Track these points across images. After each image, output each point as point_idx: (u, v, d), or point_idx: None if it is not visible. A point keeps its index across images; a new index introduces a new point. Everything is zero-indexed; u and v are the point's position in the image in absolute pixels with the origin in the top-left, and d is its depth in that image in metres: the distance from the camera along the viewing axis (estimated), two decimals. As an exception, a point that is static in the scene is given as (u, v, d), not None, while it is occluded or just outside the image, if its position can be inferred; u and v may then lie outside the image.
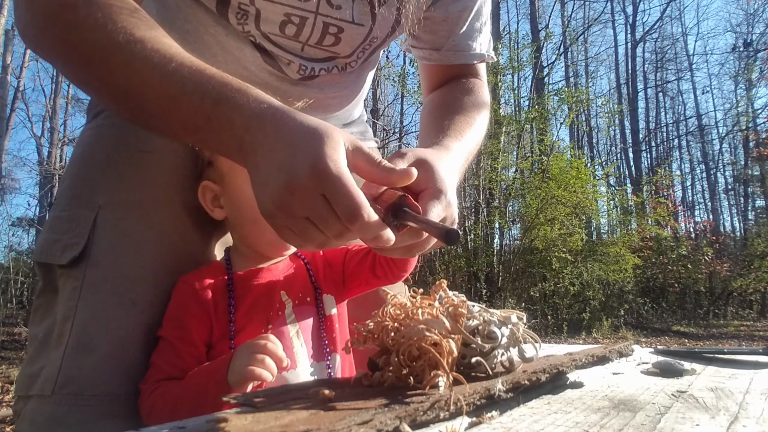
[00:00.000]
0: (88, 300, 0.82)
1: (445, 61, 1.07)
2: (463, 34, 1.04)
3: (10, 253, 12.30)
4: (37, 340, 0.86)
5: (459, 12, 1.01)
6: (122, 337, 0.80)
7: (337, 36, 0.92)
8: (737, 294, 12.34)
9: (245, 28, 0.89)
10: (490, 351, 0.55)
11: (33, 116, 18.27)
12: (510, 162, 10.59)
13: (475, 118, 0.96)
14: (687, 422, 0.45)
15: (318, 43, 0.92)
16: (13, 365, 5.78)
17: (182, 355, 0.77)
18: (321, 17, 0.89)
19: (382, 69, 11.65)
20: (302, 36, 0.91)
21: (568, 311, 9.13)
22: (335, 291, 0.90)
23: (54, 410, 0.77)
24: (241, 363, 0.68)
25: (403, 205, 0.62)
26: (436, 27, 1.03)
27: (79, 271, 0.83)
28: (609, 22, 21.58)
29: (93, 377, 0.78)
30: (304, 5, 0.87)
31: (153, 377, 0.77)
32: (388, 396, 0.43)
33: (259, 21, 0.88)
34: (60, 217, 0.89)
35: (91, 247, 0.84)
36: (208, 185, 0.87)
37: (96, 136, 0.96)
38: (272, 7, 0.86)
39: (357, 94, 1.11)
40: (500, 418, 0.46)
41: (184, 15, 0.92)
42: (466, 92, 1.03)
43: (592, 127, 20.97)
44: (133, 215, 0.86)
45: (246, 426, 0.35)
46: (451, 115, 0.94)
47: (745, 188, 20.38)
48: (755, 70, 19.61)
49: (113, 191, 0.88)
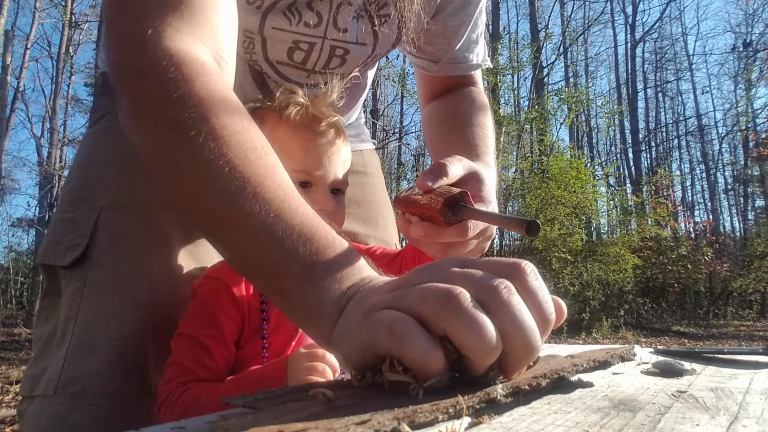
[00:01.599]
0: (90, 300, 0.82)
1: (444, 73, 1.09)
2: (461, 47, 1.06)
3: (10, 253, 12.31)
4: (41, 341, 0.86)
5: (457, 26, 1.03)
6: (124, 337, 0.80)
7: (343, 58, 0.93)
8: (737, 294, 12.35)
9: (252, 57, 0.90)
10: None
11: (33, 116, 18.29)
12: (510, 162, 10.60)
13: (491, 132, 0.99)
14: (687, 422, 0.45)
15: (325, 66, 0.93)
16: (13, 365, 5.79)
17: (214, 356, 0.74)
18: (328, 41, 0.90)
19: (382, 69, 11.67)
20: (309, 62, 0.91)
21: (567, 311, 9.11)
22: None
23: (57, 410, 0.77)
24: (299, 372, 0.66)
25: (461, 201, 0.63)
26: (435, 39, 1.04)
27: (81, 272, 0.83)
28: (609, 22, 21.61)
29: (95, 377, 0.78)
30: (312, 31, 0.87)
31: (179, 378, 0.72)
32: (388, 396, 0.43)
33: (266, 49, 0.88)
34: (62, 219, 0.89)
35: (92, 248, 0.84)
36: None
37: (99, 138, 0.96)
38: (281, 36, 0.86)
39: (356, 101, 1.12)
40: (500, 418, 0.46)
41: None
42: (472, 103, 1.05)
43: (591, 127, 20.99)
44: (135, 216, 0.86)
45: (245, 426, 0.35)
46: (471, 128, 0.97)
47: (745, 188, 20.40)
48: (755, 70, 19.64)
49: (115, 192, 0.88)
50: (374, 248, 0.94)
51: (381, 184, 1.23)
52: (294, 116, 0.81)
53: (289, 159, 0.80)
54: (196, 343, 0.74)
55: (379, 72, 12.01)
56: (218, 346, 0.74)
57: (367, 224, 1.11)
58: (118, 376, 0.78)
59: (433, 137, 1.07)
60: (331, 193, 0.84)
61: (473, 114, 1.02)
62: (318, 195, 0.81)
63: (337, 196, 0.86)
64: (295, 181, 0.78)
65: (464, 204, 0.63)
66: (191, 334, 0.75)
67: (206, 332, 0.74)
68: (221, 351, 0.75)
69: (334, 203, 0.83)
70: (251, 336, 0.77)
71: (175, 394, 0.71)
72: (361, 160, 1.20)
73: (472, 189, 0.70)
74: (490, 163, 0.87)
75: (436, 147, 1.04)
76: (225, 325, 0.75)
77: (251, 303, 0.78)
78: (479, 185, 0.72)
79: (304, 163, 0.81)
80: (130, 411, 0.78)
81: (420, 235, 0.67)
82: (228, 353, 0.75)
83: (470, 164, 0.73)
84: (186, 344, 0.75)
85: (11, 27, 10.57)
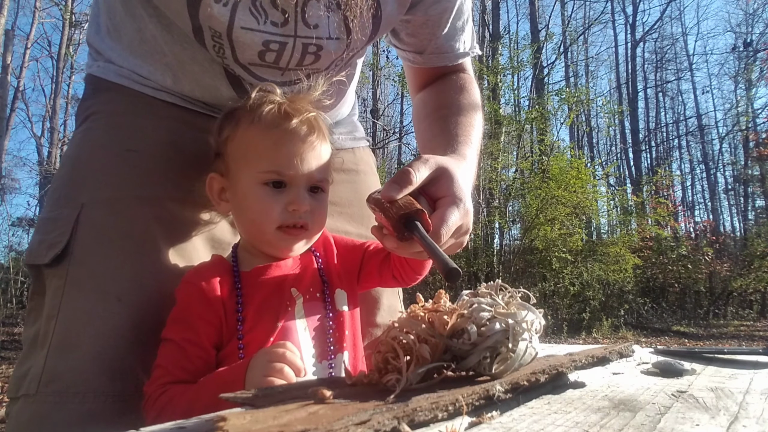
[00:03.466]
0: (71, 297, 0.81)
1: (429, 64, 1.07)
2: (446, 36, 1.03)
3: (10, 253, 12.31)
4: (27, 342, 0.86)
5: (439, 14, 1.00)
6: (106, 333, 0.79)
7: (317, 54, 0.92)
8: (737, 294, 12.32)
9: (224, 62, 0.89)
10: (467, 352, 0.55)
11: (33, 116, 18.30)
12: (510, 162, 10.60)
13: (476, 119, 0.98)
14: (687, 422, 0.45)
15: (299, 64, 0.92)
16: (13, 365, 5.78)
17: (191, 358, 0.75)
18: (300, 39, 0.88)
19: (382, 69, 11.65)
20: (282, 61, 0.90)
21: (568, 311, 9.12)
22: (348, 286, 0.89)
23: (38, 409, 0.76)
24: (258, 373, 0.66)
25: (416, 219, 0.65)
26: (418, 30, 1.02)
27: (62, 270, 0.83)
28: (609, 22, 21.58)
29: (77, 375, 0.77)
30: (282, 30, 0.86)
31: (159, 380, 0.74)
32: (388, 396, 0.43)
33: (235, 52, 0.87)
34: (46, 218, 0.89)
35: (73, 245, 0.83)
36: (215, 177, 0.86)
37: (84, 138, 0.96)
38: (251, 37, 0.85)
39: (343, 94, 1.10)
40: (500, 418, 0.46)
41: (161, 49, 0.92)
42: (459, 91, 1.04)
43: (592, 127, 20.97)
44: (117, 212, 0.86)
45: (244, 426, 0.35)
46: (454, 117, 0.95)
47: (745, 188, 20.38)
48: (755, 70, 19.61)
49: (97, 189, 0.87)
50: (368, 243, 0.93)
51: (375, 182, 1.21)
52: (265, 115, 0.81)
53: (260, 159, 0.81)
54: (176, 346, 0.76)
55: (379, 72, 12.00)
56: (195, 348, 0.76)
57: (359, 223, 1.10)
58: (102, 373, 0.77)
59: (420, 129, 1.06)
60: (310, 191, 0.83)
61: (459, 103, 1.00)
62: (292, 195, 0.80)
63: (317, 194, 0.85)
64: (266, 181, 0.80)
65: (418, 223, 0.65)
66: (170, 338, 0.77)
67: (183, 336, 0.76)
68: (199, 353, 0.76)
69: (310, 202, 0.82)
70: (229, 337, 0.78)
71: (154, 396, 0.73)
72: (353, 158, 1.18)
73: (441, 188, 0.72)
74: (467, 154, 0.86)
75: (421, 140, 1.04)
76: (201, 328, 0.77)
77: (227, 304, 0.79)
78: (449, 183, 0.72)
79: (276, 162, 0.80)
80: (115, 409, 0.77)
81: (392, 248, 0.71)
82: (206, 355, 0.77)
83: (438, 162, 0.73)
84: (167, 348, 0.77)
85: (11, 26, 10.57)
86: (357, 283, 0.91)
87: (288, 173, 0.80)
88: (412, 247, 0.69)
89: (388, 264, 0.87)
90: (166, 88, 0.95)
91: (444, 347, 0.56)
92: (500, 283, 0.65)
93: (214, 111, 0.97)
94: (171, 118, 0.96)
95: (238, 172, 0.83)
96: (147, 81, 0.95)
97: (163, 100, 0.96)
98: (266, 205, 0.80)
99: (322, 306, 0.84)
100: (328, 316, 0.84)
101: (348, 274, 0.90)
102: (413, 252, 0.70)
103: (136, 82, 0.95)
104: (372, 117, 12.18)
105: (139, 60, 0.95)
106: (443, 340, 0.56)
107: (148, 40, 0.92)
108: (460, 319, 0.57)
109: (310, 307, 0.83)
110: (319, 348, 0.82)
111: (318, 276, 0.87)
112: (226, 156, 0.85)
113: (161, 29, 0.90)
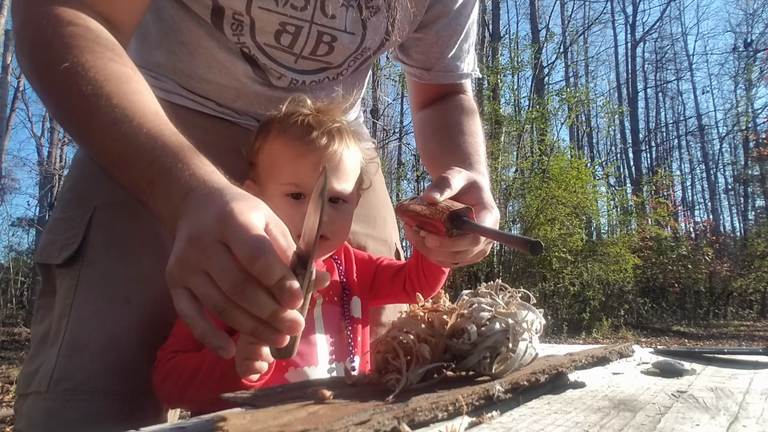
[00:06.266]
0: (83, 298, 0.83)
1: (435, 81, 1.13)
2: (453, 56, 1.10)
3: (10, 253, 12.33)
4: (36, 340, 0.87)
5: (449, 35, 1.07)
6: (116, 334, 0.81)
7: (331, 45, 0.94)
8: (737, 294, 12.34)
9: (240, 39, 0.90)
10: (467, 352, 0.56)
11: (33, 116, 18.30)
12: (510, 162, 10.61)
13: (482, 141, 1.04)
14: (687, 422, 0.45)
15: (312, 53, 0.94)
16: (13, 365, 5.79)
17: None
18: (316, 26, 0.91)
19: (382, 69, 11.66)
20: (297, 46, 0.92)
21: (568, 311, 9.13)
22: (363, 295, 0.92)
23: (49, 406, 0.78)
24: (239, 354, 0.67)
25: (465, 216, 0.67)
26: (428, 48, 1.08)
27: (74, 270, 0.84)
28: (609, 22, 21.60)
29: (87, 374, 0.79)
30: (299, 14, 0.88)
31: (170, 347, 0.78)
32: (388, 396, 0.43)
33: (254, 31, 0.89)
34: (58, 219, 0.90)
35: (86, 247, 0.85)
36: (250, 185, 0.88)
37: None
38: (268, 16, 0.87)
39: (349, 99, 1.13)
40: (500, 418, 0.46)
41: (178, 27, 0.93)
42: (464, 113, 1.10)
43: (592, 127, 20.98)
44: (128, 214, 0.86)
45: (244, 425, 0.35)
46: (463, 137, 1.02)
47: (745, 188, 20.40)
48: (755, 70, 19.63)
49: (109, 191, 0.88)
50: (381, 259, 0.97)
51: (380, 182, 1.24)
52: (290, 127, 0.83)
53: (282, 171, 0.83)
54: None
55: (379, 72, 12.00)
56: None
57: (365, 223, 1.12)
58: (111, 373, 0.79)
59: (428, 146, 1.11)
60: (331, 201, 0.84)
61: (464, 123, 1.07)
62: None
63: (338, 204, 0.86)
64: (287, 192, 0.82)
65: (467, 219, 0.67)
66: None
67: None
68: None
69: (330, 213, 0.83)
70: None
71: (163, 360, 0.76)
72: None
73: (473, 197, 0.75)
74: (483, 171, 0.92)
75: (431, 156, 1.09)
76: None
77: None
78: (480, 193, 0.77)
79: (295, 174, 0.82)
80: (124, 408, 0.78)
81: (436, 246, 0.71)
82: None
83: (468, 174, 0.78)
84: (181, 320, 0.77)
85: (11, 27, 10.56)
86: (370, 293, 0.94)
87: (306, 185, 0.82)
88: (457, 245, 0.71)
89: (399, 277, 0.91)
90: (177, 91, 0.97)
91: (444, 347, 0.56)
92: (500, 283, 0.66)
93: (224, 114, 0.99)
94: (181, 120, 0.96)
95: (266, 182, 0.85)
96: (158, 83, 0.96)
97: (174, 102, 0.96)
98: (286, 216, 0.81)
99: (340, 311, 0.88)
100: (346, 321, 0.87)
101: (362, 287, 0.93)
102: (452, 251, 0.72)
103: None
104: (372, 117, 12.19)
105: (153, 46, 0.96)
106: (443, 340, 0.56)
107: (165, 19, 0.94)
108: (460, 318, 0.58)
109: (328, 309, 0.86)
110: (335, 348, 0.84)
111: (338, 282, 0.90)
112: (257, 166, 0.87)
113: (177, 8, 0.92)
